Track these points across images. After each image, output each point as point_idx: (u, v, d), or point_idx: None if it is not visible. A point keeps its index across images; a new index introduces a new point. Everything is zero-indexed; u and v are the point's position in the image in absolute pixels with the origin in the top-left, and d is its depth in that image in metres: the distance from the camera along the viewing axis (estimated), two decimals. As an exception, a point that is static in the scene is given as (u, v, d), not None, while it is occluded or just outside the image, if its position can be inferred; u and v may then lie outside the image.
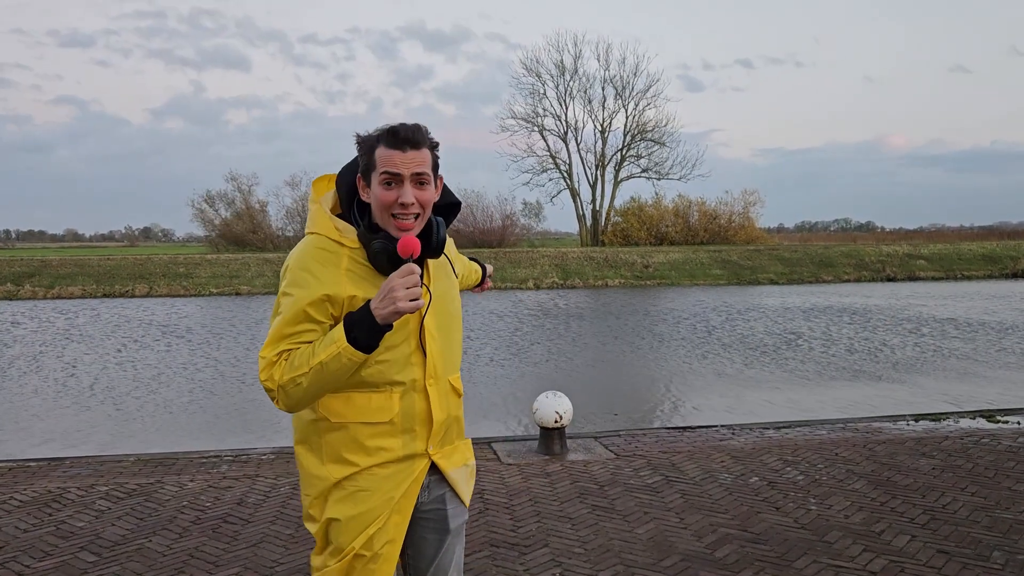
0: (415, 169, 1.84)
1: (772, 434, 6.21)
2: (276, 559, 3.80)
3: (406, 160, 1.84)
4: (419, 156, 1.85)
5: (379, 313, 1.76)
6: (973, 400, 8.59)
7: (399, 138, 1.84)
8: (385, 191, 1.85)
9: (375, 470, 1.93)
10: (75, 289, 26.11)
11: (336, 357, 1.78)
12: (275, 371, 1.83)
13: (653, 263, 31.11)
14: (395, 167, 1.83)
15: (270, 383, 1.83)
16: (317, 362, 1.78)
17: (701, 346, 13.07)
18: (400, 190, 1.85)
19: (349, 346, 1.77)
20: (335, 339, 1.79)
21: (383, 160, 1.84)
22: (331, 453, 1.94)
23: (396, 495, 1.96)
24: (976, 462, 5.26)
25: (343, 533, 1.93)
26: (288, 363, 1.82)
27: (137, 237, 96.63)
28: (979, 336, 13.80)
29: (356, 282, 1.87)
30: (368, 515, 1.93)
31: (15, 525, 4.29)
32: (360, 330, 1.77)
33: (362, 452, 1.92)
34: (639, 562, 3.71)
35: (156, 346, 13.82)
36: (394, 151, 1.84)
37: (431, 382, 1.98)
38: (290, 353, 1.84)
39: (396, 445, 1.95)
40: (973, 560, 3.68)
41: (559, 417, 5.56)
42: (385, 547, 1.96)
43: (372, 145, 1.87)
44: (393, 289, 1.74)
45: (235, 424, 8.10)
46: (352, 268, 1.88)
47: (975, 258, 33.85)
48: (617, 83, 46.68)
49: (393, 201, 1.85)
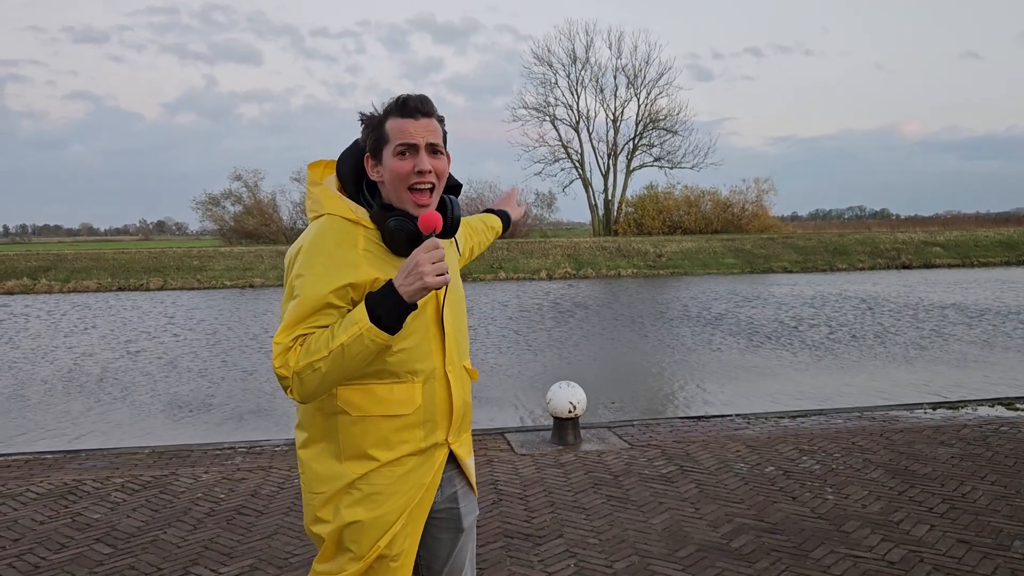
0: (429, 138, 1.82)
1: (788, 423, 6.16)
2: (290, 551, 3.80)
3: (419, 128, 1.81)
4: (431, 125, 1.83)
5: (405, 290, 1.68)
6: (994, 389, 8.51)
7: (410, 107, 1.81)
8: (400, 161, 1.81)
9: (395, 466, 1.86)
10: (90, 283, 26.27)
11: (358, 339, 1.68)
12: (290, 357, 1.72)
13: (666, 252, 30.96)
14: (410, 136, 1.80)
15: (284, 370, 1.72)
16: (338, 344, 1.68)
17: (714, 335, 13.00)
18: (416, 159, 1.81)
19: (372, 326, 1.68)
20: (356, 320, 1.70)
21: (397, 131, 1.81)
22: (351, 449, 1.84)
23: (418, 491, 1.89)
24: (996, 450, 5.20)
25: (366, 535, 1.84)
26: (304, 348, 1.72)
27: (151, 231, 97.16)
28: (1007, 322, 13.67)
29: (375, 263, 1.81)
30: (392, 514, 1.85)
31: (31, 517, 4.31)
32: (384, 309, 1.69)
33: (384, 446, 1.84)
34: (654, 552, 3.68)
35: (171, 339, 13.89)
36: (406, 120, 1.81)
37: (450, 368, 1.92)
38: (306, 338, 1.74)
39: (418, 437, 1.88)
40: (993, 550, 3.63)
41: (573, 407, 5.54)
42: (405, 547, 1.89)
43: (381, 120, 1.84)
44: (419, 264, 1.68)
45: (249, 416, 8.12)
46: (369, 248, 1.82)
47: (992, 245, 33.46)
48: (629, 72, 46.40)
49: (410, 171, 1.81)
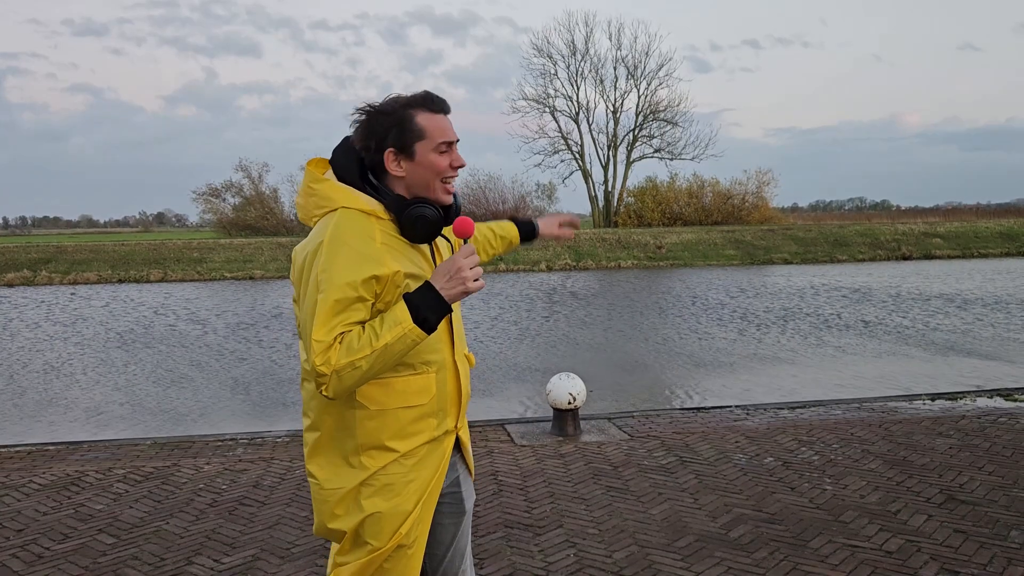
0: (457, 135, 1.95)
1: (787, 414, 6.18)
2: (292, 541, 3.83)
3: (451, 125, 1.94)
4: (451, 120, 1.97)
5: (448, 293, 1.81)
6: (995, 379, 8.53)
7: (438, 103, 1.93)
8: (439, 157, 1.91)
9: (409, 457, 1.92)
10: (91, 275, 26.26)
11: (402, 339, 1.78)
12: (331, 355, 1.75)
13: (666, 244, 30.95)
14: (451, 134, 1.92)
15: (325, 367, 1.75)
16: (382, 344, 1.76)
17: (713, 326, 13.02)
18: (452, 155, 1.94)
19: (416, 327, 1.79)
20: (399, 320, 1.78)
21: (436, 128, 1.90)
22: (371, 442, 1.90)
23: (429, 480, 1.96)
24: (994, 441, 5.22)
25: (386, 524, 1.90)
26: (345, 346, 1.76)
27: (151, 223, 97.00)
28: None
29: (394, 256, 1.86)
30: (409, 502, 1.92)
31: (34, 508, 4.34)
32: (431, 311, 1.80)
33: (401, 437, 1.91)
34: (653, 543, 3.71)
35: (171, 330, 13.91)
36: (439, 115, 1.92)
37: (458, 357, 2.02)
38: (344, 336, 1.78)
39: (432, 425, 1.96)
40: (990, 540, 3.65)
41: (572, 398, 5.56)
42: (419, 533, 1.97)
43: (404, 115, 1.89)
44: (460, 269, 1.82)
45: (251, 407, 8.15)
46: (386, 241, 1.88)
47: (992, 236, 33.43)
48: (629, 63, 46.28)
49: (447, 166, 1.93)
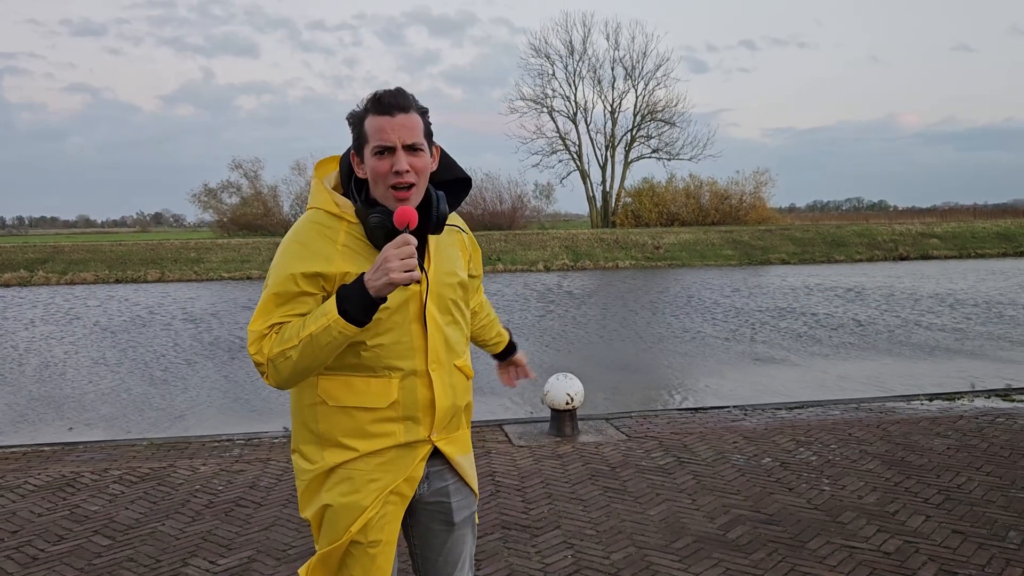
0: (405, 138, 1.80)
1: (785, 415, 6.18)
2: (288, 542, 3.82)
3: (395, 126, 1.80)
4: (409, 121, 1.81)
5: (372, 285, 1.70)
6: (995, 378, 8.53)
7: (384, 104, 1.80)
8: (378, 161, 1.81)
9: (373, 456, 1.89)
10: (88, 275, 26.22)
11: (327, 330, 1.73)
12: (264, 344, 1.79)
13: (664, 244, 30.97)
14: (386, 137, 1.79)
15: (259, 356, 1.79)
16: (307, 334, 1.74)
17: (711, 326, 13.01)
18: (393, 158, 1.81)
19: (340, 318, 1.72)
20: (326, 311, 1.74)
21: (374, 131, 1.81)
22: (330, 438, 1.89)
23: (393, 482, 1.91)
24: (991, 441, 5.22)
25: (338, 519, 1.89)
26: (278, 336, 1.78)
27: (148, 222, 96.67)
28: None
29: (351, 257, 1.83)
30: (365, 500, 1.88)
31: (30, 509, 4.32)
32: (351, 303, 1.73)
33: (362, 437, 1.88)
34: (651, 544, 3.70)
35: (167, 330, 13.88)
36: (383, 117, 1.80)
37: (434, 367, 1.92)
38: (281, 327, 1.80)
39: (398, 431, 1.90)
40: (988, 540, 3.65)
41: (570, 399, 5.55)
42: (383, 534, 1.91)
43: (361, 117, 1.84)
44: (387, 260, 1.69)
45: (247, 408, 8.13)
46: (348, 243, 1.84)
47: (989, 236, 33.48)
48: (626, 63, 46.32)
49: (388, 170, 1.81)
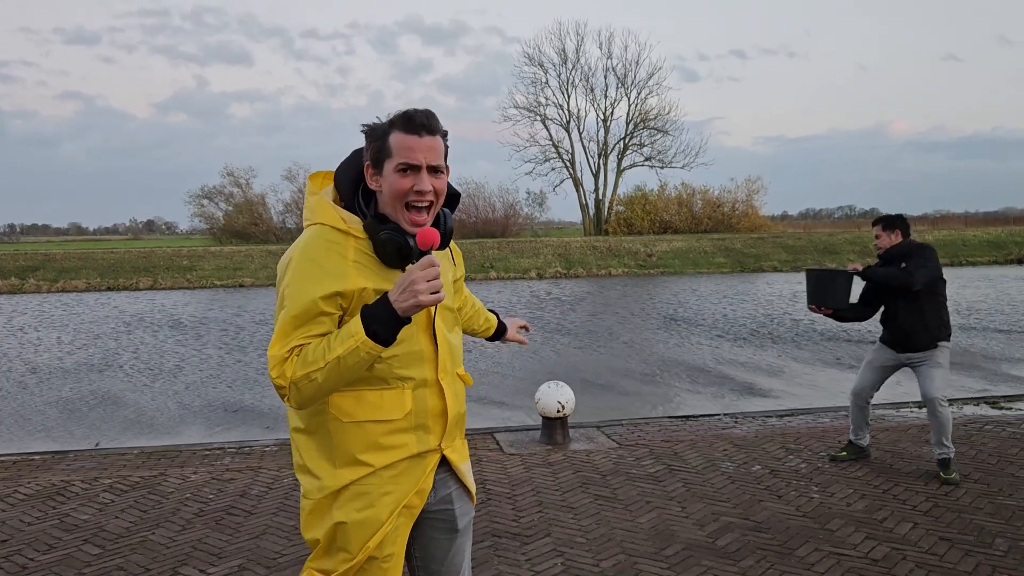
0: (431, 160, 1.83)
1: (774, 422, 6.20)
2: (279, 550, 3.81)
3: (422, 146, 1.81)
4: (434, 143, 1.83)
5: (400, 306, 1.72)
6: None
7: (415, 123, 1.81)
8: (401, 178, 1.82)
9: (387, 470, 1.89)
10: (79, 282, 26.13)
11: (354, 351, 1.73)
12: (287, 367, 1.77)
13: (657, 252, 31.05)
14: (413, 157, 1.81)
15: (282, 380, 1.77)
16: (334, 357, 1.74)
17: (703, 333, 13.05)
18: (416, 178, 1.82)
19: (368, 340, 1.73)
20: (352, 333, 1.74)
21: (401, 148, 1.81)
22: (345, 454, 1.88)
23: (407, 495, 1.92)
24: (979, 449, 5.25)
25: (357, 535, 1.89)
26: (301, 359, 1.77)
27: (141, 230, 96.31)
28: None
29: (364, 273, 1.84)
30: (382, 515, 1.89)
31: (19, 518, 4.31)
32: (379, 323, 1.73)
33: (376, 451, 1.88)
34: (641, 551, 3.71)
35: (159, 339, 13.84)
36: (410, 136, 1.81)
37: (443, 376, 1.96)
38: (302, 349, 1.78)
39: (411, 441, 1.92)
40: (976, 547, 3.67)
41: (561, 407, 5.56)
42: (395, 547, 1.94)
43: (385, 131, 1.84)
44: (414, 282, 1.71)
45: (237, 416, 8.12)
46: (358, 259, 1.84)
47: (980, 244, 33.67)
48: (619, 71, 46.48)
49: (408, 189, 1.82)
